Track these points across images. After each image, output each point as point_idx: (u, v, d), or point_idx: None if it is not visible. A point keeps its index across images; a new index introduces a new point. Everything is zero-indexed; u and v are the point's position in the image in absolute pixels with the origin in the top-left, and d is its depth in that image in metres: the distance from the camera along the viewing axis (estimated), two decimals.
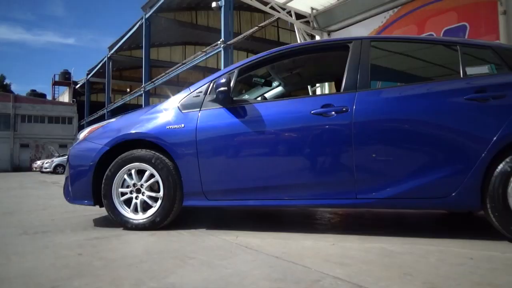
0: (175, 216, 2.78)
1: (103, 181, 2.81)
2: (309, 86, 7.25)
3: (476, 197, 2.30)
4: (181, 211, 2.81)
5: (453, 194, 2.32)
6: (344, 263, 1.88)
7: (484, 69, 2.57)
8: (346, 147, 2.47)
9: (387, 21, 6.49)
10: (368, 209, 3.63)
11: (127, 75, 33.41)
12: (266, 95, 3.96)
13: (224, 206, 3.17)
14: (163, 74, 18.89)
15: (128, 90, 30.94)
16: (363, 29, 6.83)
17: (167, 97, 3.19)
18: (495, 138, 2.26)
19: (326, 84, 7.25)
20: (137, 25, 21.88)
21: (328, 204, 2.68)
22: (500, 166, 2.25)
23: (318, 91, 7.69)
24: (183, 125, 2.75)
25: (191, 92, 2.88)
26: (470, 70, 2.54)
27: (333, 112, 2.51)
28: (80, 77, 40.34)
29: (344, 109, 2.50)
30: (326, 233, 2.68)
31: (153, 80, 20.08)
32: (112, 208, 2.80)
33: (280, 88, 4.01)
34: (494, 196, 2.23)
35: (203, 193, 2.69)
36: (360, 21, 6.97)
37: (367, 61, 2.66)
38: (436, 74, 3.02)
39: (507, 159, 2.24)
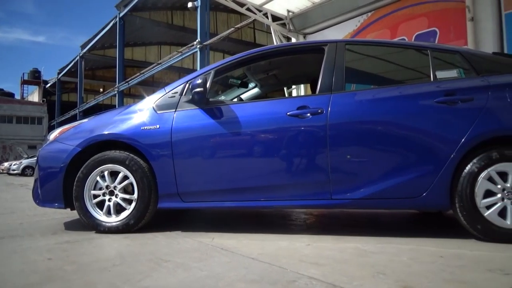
0: (149, 219, 2.74)
1: (75, 183, 2.73)
2: (285, 88, 7.32)
3: (446, 197, 2.38)
4: (156, 213, 2.77)
5: (424, 194, 2.39)
6: (319, 263, 1.90)
7: (453, 73, 2.66)
8: (321, 148, 2.50)
9: (361, 24, 6.63)
10: (343, 209, 3.68)
11: (101, 74, 32.67)
12: (243, 96, 3.96)
13: (200, 207, 3.15)
14: (138, 74, 18.59)
15: (101, 90, 30.25)
16: (338, 32, 6.94)
17: (141, 97, 3.14)
18: (463, 140, 2.34)
19: (302, 86, 7.33)
20: (111, 24, 21.44)
21: (304, 205, 2.71)
22: (468, 167, 2.33)
23: (294, 93, 7.75)
24: (158, 126, 2.71)
25: (167, 93, 2.85)
26: (440, 74, 2.63)
27: (309, 114, 2.54)
28: (50, 76, 39.18)
29: (319, 111, 2.53)
30: (302, 233, 2.70)
31: (128, 80, 19.70)
32: (84, 211, 2.73)
33: (256, 90, 4.02)
34: (463, 195, 2.32)
35: (179, 194, 2.66)
36: (335, 24, 7.08)
37: (342, 64, 2.70)
38: (408, 77, 3.10)
39: (474, 160, 2.33)
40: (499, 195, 2.28)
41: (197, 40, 11.65)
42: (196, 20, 12.42)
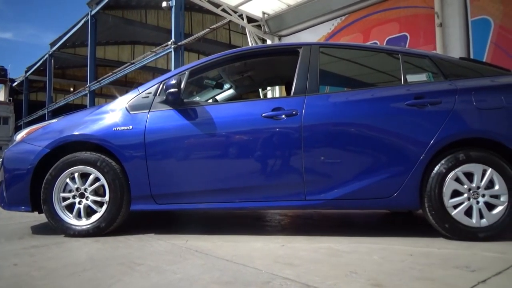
0: (122, 221, 2.68)
1: (43, 185, 2.64)
2: (260, 89, 7.34)
3: (416, 197, 2.45)
4: (129, 216, 2.72)
5: (395, 194, 2.45)
6: (293, 263, 1.91)
7: (422, 77, 2.75)
8: (295, 149, 2.52)
9: (335, 28, 6.74)
10: (316, 210, 3.73)
11: (71, 73, 31.72)
12: (217, 97, 3.95)
13: (174, 209, 3.11)
14: (110, 73, 18.17)
15: (71, 89, 29.38)
16: (312, 35, 7.03)
17: (114, 97, 3.07)
18: (432, 142, 2.42)
19: (277, 87, 7.38)
20: (82, 22, 20.86)
21: (278, 206, 2.72)
22: (437, 168, 2.41)
23: (269, 94, 7.79)
24: (131, 127, 2.66)
25: (140, 93, 2.80)
26: (410, 78, 2.70)
27: (283, 116, 2.56)
28: (18, 74, 37.68)
29: (294, 112, 2.55)
30: (276, 234, 2.71)
31: (99, 79, 19.23)
32: (52, 214, 2.64)
33: (231, 91, 4.02)
34: (431, 195, 2.39)
35: (152, 196, 2.62)
36: (309, 27, 7.17)
37: (316, 66, 2.73)
38: (380, 80, 3.18)
39: (443, 161, 2.41)
40: (465, 195, 2.37)
41: (171, 40, 11.52)
42: (170, 20, 12.29)
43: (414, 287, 1.55)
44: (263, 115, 2.58)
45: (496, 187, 2.35)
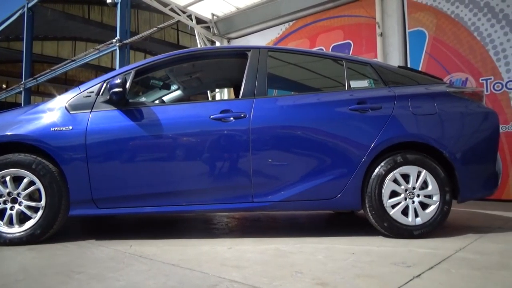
0: (59, 228, 2.53)
1: None
2: (208, 91, 7.29)
3: (358, 198, 2.56)
4: (67, 221, 2.57)
5: (339, 195, 2.54)
6: (240, 265, 1.91)
7: (364, 83, 2.89)
8: (243, 152, 2.53)
9: (283, 33, 6.87)
10: (264, 212, 3.77)
11: (4, 69, 29.37)
12: (165, 98, 3.86)
13: (117, 214, 2.99)
14: (49, 70, 17.07)
15: (4, 86, 27.24)
16: (261, 39, 7.11)
17: (52, 96, 2.89)
18: (373, 145, 2.55)
19: (226, 89, 7.37)
20: (18, 14, 19.45)
21: (226, 208, 2.71)
22: (377, 170, 2.54)
23: (218, 97, 7.76)
24: (71, 127, 2.52)
25: (81, 92, 2.66)
26: (354, 83, 2.83)
27: (232, 118, 2.56)
28: None
29: (242, 115, 2.56)
30: (224, 237, 2.70)
31: (36, 76, 17.99)
32: None
33: (179, 92, 3.94)
34: (372, 196, 2.52)
35: (93, 201, 2.50)
36: (258, 31, 7.25)
37: (265, 70, 2.77)
38: (326, 85, 3.29)
39: (382, 163, 2.54)
40: (402, 195, 2.52)
41: (116, 38, 11.08)
42: (115, 16, 11.83)
43: (355, 284, 1.62)
44: (211, 117, 2.56)
45: (429, 187, 2.53)
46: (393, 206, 2.51)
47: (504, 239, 2.48)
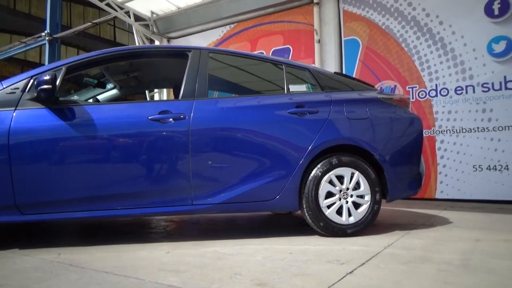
0: None
1: None
2: (147, 91, 7.07)
3: (295, 199, 2.63)
4: None
5: (277, 197, 2.60)
6: (179, 270, 1.87)
7: (303, 87, 2.99)
8: (183, 154, 2.49)
9: (224, 35, 6.88)
10: (203, 214, 3.73)
11: None
12: (99, 97, 3.67)
13: (45, 220, 2.79)
14: None
15: None
16: (202, 40, 7.06)
17: None
18: (310, 147, 2.64)
19: (165, 90, 7.20)
20: None
21: (164, 212, 2.64)
22: (314, 171, 2.63)
23: (157, 97, 7.56)
24: None
25: (4, 88, 2.44)
26: (292, 87, 2.91)
27: (171, 119, 2.51)
28: None
29: (182, 116, 2.52)
30: (162, 241, 2.63)
31: None
32: None
33: (114, 91, 3.78)
34: (309, 197, 2.60)
35: (17, 206, 2.30)
36: (199, 31, 7.18)
37: (205, 71, 2.75)
38: (266, 88, 3.35)
39: (319, 165, 2.64)
40: (337, 196, 2.64)
41: (46, 31, 10.35)
42: (45, 8, 11.04)
43: (292, 283, 1.66)
44: (149, 118, 2.49)
45: (362, 188, 2.67)
46: (329, 206, 2.62)
47: (426, 235, 2.69)
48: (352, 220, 2.63)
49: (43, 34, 10.28)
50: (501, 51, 4.52)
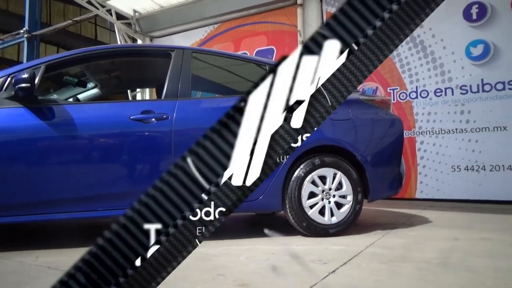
0: None
1: None
2: (129, 91, 6.98)
3: (278, 199, 2.64)
4: None
5: (261, 197, 2.60)
6: None
7: None
8: (165, 154, 2.47)
9: (207, 35, 6.85)
10: None
11: None
12: (79, 96, 3.61)
13: (20, 222, 2.71)
14: None
15: None
16: (185, 40, 7.00)
17: None
18: None
19: (147, 90, 7.12)
20: None
21: None
22: (297, 172, 2.65)
23: (139, 97, 7.47)
24: None
25: None
26: None
27: (153, 119, 2.48)
28: None
29: (164, 116, 2.50)
30: None
31: None
32: None
33: (95, 90, 3.72)
34: (292, 197, 2.61)
35: None
36: (183, 31, 7.13)
37: (189, 71, 2.73)
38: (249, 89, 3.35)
39: (302, 166, 2.66)
40: (319, 196, 2.66)
41: (24, 29, 10.10)
42: (24, 5, 10.78)
43: (275, 283, 1.67)
44: (131, 117, 2.45)
45: (344, 188, 2.70)
46: (311, 207, 2.63)
47: (406, 234, 2.74)
48: (334, 220, 2.65)
49: (21, 31, 10.03)
50: (478, 54, 4.65)
